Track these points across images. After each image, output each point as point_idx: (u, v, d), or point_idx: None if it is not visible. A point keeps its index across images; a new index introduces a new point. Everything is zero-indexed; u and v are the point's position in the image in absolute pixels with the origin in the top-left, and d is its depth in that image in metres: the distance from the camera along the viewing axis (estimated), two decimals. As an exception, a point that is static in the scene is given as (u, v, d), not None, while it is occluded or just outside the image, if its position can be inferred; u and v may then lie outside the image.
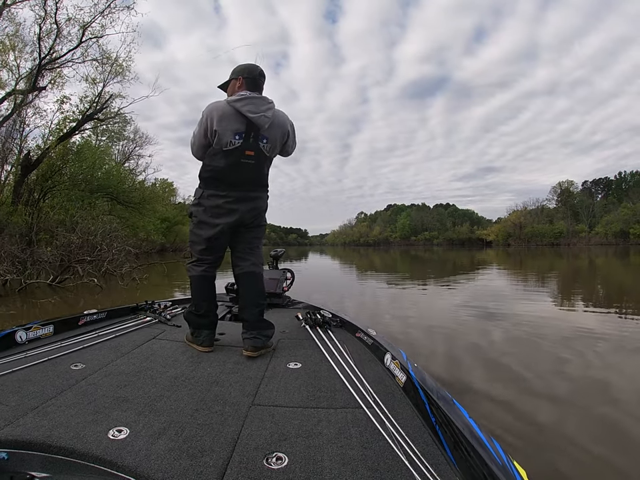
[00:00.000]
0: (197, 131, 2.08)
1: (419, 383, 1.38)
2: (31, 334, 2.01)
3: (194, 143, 2.12)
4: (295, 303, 3.41)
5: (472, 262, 22.13)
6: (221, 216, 2.08)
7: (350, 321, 2.51)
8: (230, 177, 2.04)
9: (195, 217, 2.15)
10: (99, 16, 13.28)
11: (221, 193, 2.05)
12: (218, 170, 2.03)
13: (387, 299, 7.56)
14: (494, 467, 0.88)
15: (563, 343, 3.92)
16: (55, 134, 15.30)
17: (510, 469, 0.88)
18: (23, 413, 1.22)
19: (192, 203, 2.20)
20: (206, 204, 2.09)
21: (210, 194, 2.07)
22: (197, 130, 2.07)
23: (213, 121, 1.99)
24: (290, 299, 3.48)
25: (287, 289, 3.55)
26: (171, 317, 2.68)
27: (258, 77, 2.14)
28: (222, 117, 1.98)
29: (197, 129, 2.08)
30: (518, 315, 5.52)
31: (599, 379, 2.99)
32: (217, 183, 2.06)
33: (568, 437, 2.08)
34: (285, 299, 3.41)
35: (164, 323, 2.58)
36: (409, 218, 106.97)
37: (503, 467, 0.88)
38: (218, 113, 1.99)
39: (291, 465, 1.00)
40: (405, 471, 0.98)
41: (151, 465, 0.97)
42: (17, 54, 13.26)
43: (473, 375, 3.07)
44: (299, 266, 19.12)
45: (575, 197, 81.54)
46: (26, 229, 11.98)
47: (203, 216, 2.10)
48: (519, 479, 0.86)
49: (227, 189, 2.05)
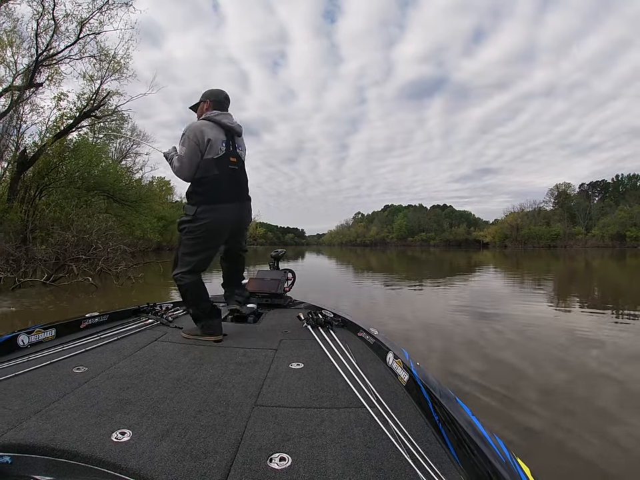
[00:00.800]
0: (184, 151, 2.19)
1: (421, 382, 1.38)
2: (33, 338, 2.01)
3: (182, 165, 2.21)
4: (296, 303, 3.39)
5: (469, 263, 22.18)
6: (222, 227, 2.26)
7: (352, 321, 2.50)
8: (224, 185, 2.22)
9: (190, 232, 2.24)
10: (97, 12, 13.22)
11: (217, 205, 2.21)
12: (214, 180, 2.19)
13: (384, 299, 7.55)
14: (498, 464, 0.88)
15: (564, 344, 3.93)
16: (51, 131, 15.22)
17: (514, 466, 0.88)
18: (26, 417, 1.22)
19: (184, 219, 2.28)
20: (204, 218, 2.20)
21: (205, 208, 2.20)
22: (185, 150, 2.18)
23: (203, 132, 2.18)
24: (291, 299, 3.47)
25: (288, 289, 3.54)
26: (173, 319, 2.67)
27: (223, 100, 2.38)
28: (210, 128, 2.21)
29: (184, 150, 2.19)
30: (522, 317, 5.52)
31: (602, 377, 3.04)
32: (212, 194, 2.20)
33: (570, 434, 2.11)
34: (286, 299, 3.40)
35: (165, 325, 2.58)
36: (405, 219, 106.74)
37: (506, 464, 0.88)
38: (204, 126, 2.21)
39: (295, 465, 1.00)
40: (408, 470, 0.97)
41: (154, 467, 0.97)
42: (14, 50, 13.22)
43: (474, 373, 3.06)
44: (296, 265, 19.07)
45: (572, 199, 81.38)
46: (21, 226, 11.90)
47: (201, 231, 2.22)
48: (522, 476, 0.85)
49: (222, 199, 2.22)
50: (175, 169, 2.24)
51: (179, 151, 2.24)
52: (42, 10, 12.40)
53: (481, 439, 0.98)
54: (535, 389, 2.82)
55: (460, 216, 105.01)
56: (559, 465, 1.88)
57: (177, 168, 2.22)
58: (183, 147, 2.20)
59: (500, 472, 0.86)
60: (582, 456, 1.92)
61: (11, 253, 7.89)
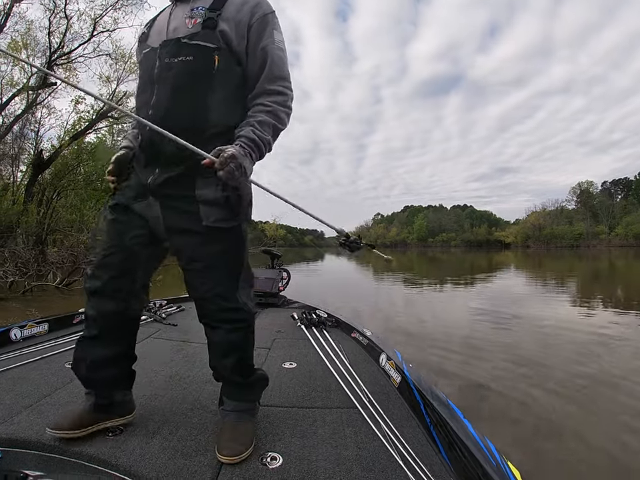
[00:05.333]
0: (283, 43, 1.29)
1: (414, 384, 1.36)
2: (25, 332, 2.00)
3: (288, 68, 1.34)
4: (290, 303, 3.40)
5: (490, 264, 21.38)
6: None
7: (345, 321, 2.49)
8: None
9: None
10: (110, 8, 12.94)
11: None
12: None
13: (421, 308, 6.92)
14: (488, 467, 0.88)
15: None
16: (69, 134, 15.04)
17: (504, 470, 0.88)
18: (17, 412, 1.20)
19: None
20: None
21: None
22: (284, 41, 1.29)
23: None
24: (286, 298, 3.48)
25: (283, 288, 3.54)
26: (166, 316, 2.65)
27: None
28: None
29: (283, 40, 1.29)
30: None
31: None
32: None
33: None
34: (280, 298, 3.42)
35: (159, 322, 2.54)
36: (426, 219, 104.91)
37: (497, 468, 0.88)
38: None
39: (286, 464, 0.99)
40: (399, 472, 0.97)
41: (145, 464, 0.96)
42: (29, 52, 13.06)
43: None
44: (316, 268, 18.68)
45: (594, 198, 78.79)
46: (38, 229, 11.64)
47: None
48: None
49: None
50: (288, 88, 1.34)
51: (275, 42, 1.24)
52: (54, 7, 12.17)
53: (472, 442, 0.97)
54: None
55: (481, 216, 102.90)
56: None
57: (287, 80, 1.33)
58: (279, 34, 1.26)
59: (490, 475, 0.85)
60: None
61: (20, 256, 7.47)
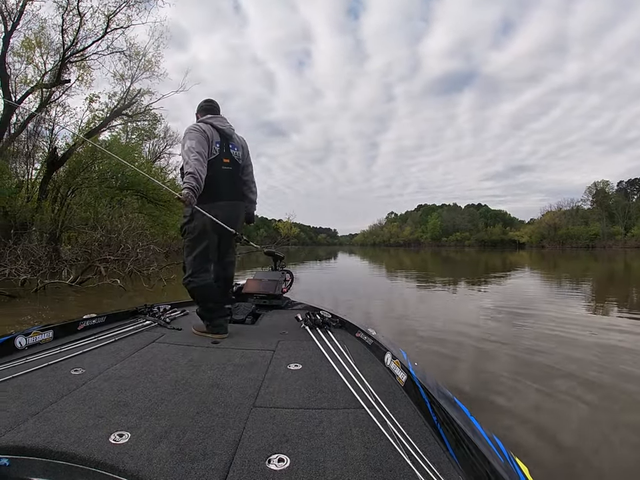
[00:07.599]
0: (192, 143, 2.17)
1: (419, 382, 1.36)
2: (30, 339, 1.98)
3: (197, 155, 2.15)
4: (294, 304, 3.39)
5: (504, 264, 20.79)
6: (215, 226, 2.27)
7: (349, 321, 2.49)
8: (218, 185, 2.30)
9: (189, 233, 2.35)
10: (124, 5, 12.85)
11: (211, 204, 2.26)
12: (208, 181, 2.19)
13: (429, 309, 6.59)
14: (496, 464, 0.86)
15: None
16: (83, 132, 15.01)
17: (512, 466, 0.86)
18: (23, 419, 1.19)
19: (183, 221, 2.39)
20: (200, 218, 2.27)
21: (202, 208, 2.21)
22: (191, 142, 2.18)
23: (202, 126, 2.27)
24: (289, 300, 3.47)
25: (286, 290, 3.53)
26: (171, 320, 2.67)
27: (211, 107, 2.49)
28: (206, 128, 2.28)
29: (191, 142, 2.18)
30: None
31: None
32: (206, 194, 2.21)
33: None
34: (284, 300, 3.41)
35: (163, 326, 2.55)
36: (440, 218, 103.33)
37: (505, 464, 0.87)
38: (202, 126, 2.28)
39: (293, 466, 0.98)
40: (407, 471, 0.96)
41: (152, 468, 0.95)
42: (42, 50, 13.03)
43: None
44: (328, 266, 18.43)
45: (610, 198, 76.27)
46: (52, 226, 11.59)
47: (199, 230, 2.31)
48: (521, 476, 0.84)
49: (216, 198, 2.29)
50: (190, 166, 2.11)
51: (185, 148, 2.18)
52: (67, 5, 12.08)
53: (479, 439, 0.96)
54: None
55: (495, 215, 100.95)
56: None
57: (191, 159, 2.12)
58: (188, 141, 2.17)
59: (498, 472, 0.84)
60: None
61: (32, 253, 7.34)
